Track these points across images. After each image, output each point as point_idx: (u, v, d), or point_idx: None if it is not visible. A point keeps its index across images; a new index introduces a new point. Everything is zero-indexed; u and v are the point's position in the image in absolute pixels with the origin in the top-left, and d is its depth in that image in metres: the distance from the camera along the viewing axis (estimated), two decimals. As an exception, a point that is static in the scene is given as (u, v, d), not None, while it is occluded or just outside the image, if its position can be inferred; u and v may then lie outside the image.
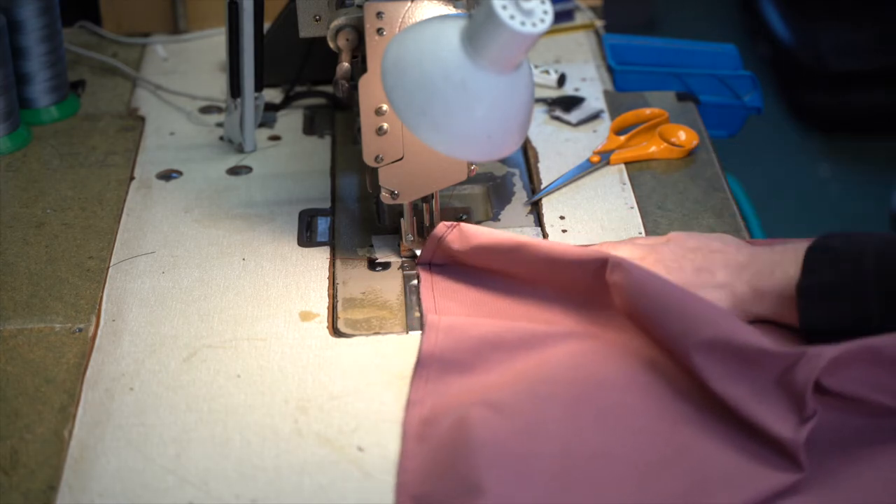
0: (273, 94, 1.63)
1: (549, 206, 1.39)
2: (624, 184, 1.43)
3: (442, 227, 1.24)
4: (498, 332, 1.14)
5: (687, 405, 1.05)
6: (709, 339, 1.04)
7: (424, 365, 1.11)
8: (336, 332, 1.21)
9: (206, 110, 1.62)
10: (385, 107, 1.20)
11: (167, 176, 1.47)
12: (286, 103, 1.61)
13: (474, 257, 1.23)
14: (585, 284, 1.17)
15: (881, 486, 0.98)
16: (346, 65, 1.22)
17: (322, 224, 1.38)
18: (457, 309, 1.20)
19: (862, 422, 1.03)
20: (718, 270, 1.14)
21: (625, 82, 1.66)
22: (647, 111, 1.52)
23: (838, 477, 0.99)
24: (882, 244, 1.04)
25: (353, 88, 1.22)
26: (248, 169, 1.48)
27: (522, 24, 1.06)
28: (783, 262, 1.10)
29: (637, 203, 1.39)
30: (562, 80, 1.65)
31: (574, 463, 0.99)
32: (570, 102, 1.59)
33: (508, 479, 0.97)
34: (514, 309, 1.19)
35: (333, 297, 1.26)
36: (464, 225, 1.23)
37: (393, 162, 1.24)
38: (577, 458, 1.00)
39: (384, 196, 1.25)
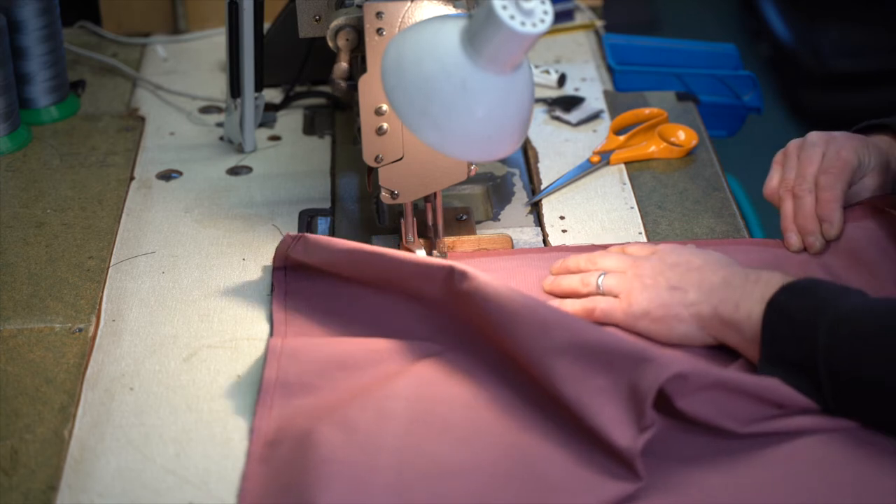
0: (273, 94, 1.63)
1: (549, 206, 1.39)
2: (624, 184, 1.43)
3: (288, 239, 1.23)
4: (345, 351, 1.12)
5: (533, 416, 1.04)
6: (560, 342, 1.03)
7: (267, 392, 1.09)
8: (336, 332, 1.21)
9: (206, 110, 1.62)
10: (385, 107, 1.20)
11: (167, 176, 1.47)
12: (286, 103, 1.61)
13: (324, 267, 1.21)
14: (433, 294, 1.16)
15: (725, 493, 0.98)
16: (343, 64, 1.22)
17: (322, 224, 1.38)
18: (306, 323, 1.18)
19: (707, 439, 1.02)
20: (691, 290, 1.12)
21: (625, 82, 1.66)
22: (647, 111, 1.52)
23: (680, 485, 0.99)
24: (836, 319, 1.02)
25: (351, 88, 1.22)
26: (248, 169, 1.48)
27: (522, 24, 1.06)
28: (751, 296, 1.08)
29: (637, 203, 1.39)
30: (562, 80, 1.65)
31: (412, 477, 0.98)
32: (570, 102, 1.59)
33: (344, 495, 0.96)
34: (366, 319, 1.18)
35: (333, 297, 1.26)
36: (309, 236, 1.22)
37: (393, 162, 1.24)
38: (415, 472, 0.99)
39: (384, 196, 1.25)
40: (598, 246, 1.29)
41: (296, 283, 1.22)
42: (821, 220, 1.25)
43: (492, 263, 1.26)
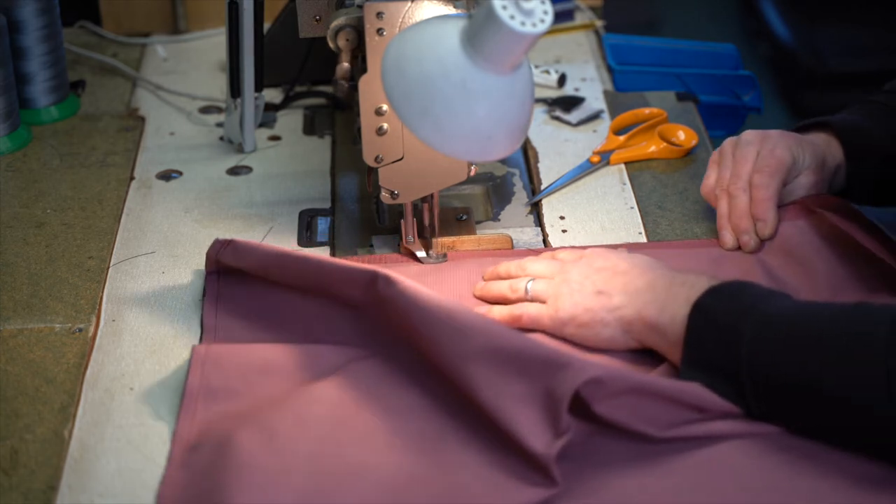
0: (273, 94, 1.63)
1: (549, 207, 1.39)
2: (624, 184, 1.43)
3: (216, 244, 1.22)
4: (270, 356, 1.12)
5: (451, 421, 1.04)
6: (478, 348, 1.03)
7: (190, 399, 1.09)
8: (336, 332, 1.21)
9: (206, 110, 1.62)
10: (385, 107, 1.20)
11: (167, 176, 1.47)
12: (286, 103, 1.61)
13: (254, 271, 1.20)
14: (357, 299, 1.15)
15: (642, 497, 0.98)
16: (345, 65, 1.22)
17: (322, 224, 1.38)
18: (236, 328, 1.17)
19: (626, 443, 1.02)
20: (616, 294, 1.12)
21: (625, 82, 1.66)
22: (646, 111, 1.52)
23: (598, 490, 0.98)
24: (760, 323, 1.02)
25: (353, 88, 1.22)
26: (248, 169, 1.48)
27: (522, 24, 1.06)
28: (676, 300, 1.08)
29: (637, 203, 1.39)
30: (562, 80, 1.65)
31: (326, 480, 0.98)
32: (570, 102, 1.59)
33: (257, 498, 0.96)
34: (294, 323, 1.17)
35: (333, 297, 1.26)
36: (238, 241, 1.21)
37: (393, 162, 1.24)
38: (330, 475, 0.98)
39: (384, 196, 1.25)
40: (535, 251, 1.29)
41: (228, 287, 1.22)
42: (755, 220, 1.25)
43: (431, 268, 1.27)
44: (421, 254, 1.28)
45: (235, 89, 1.46)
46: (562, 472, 0.97)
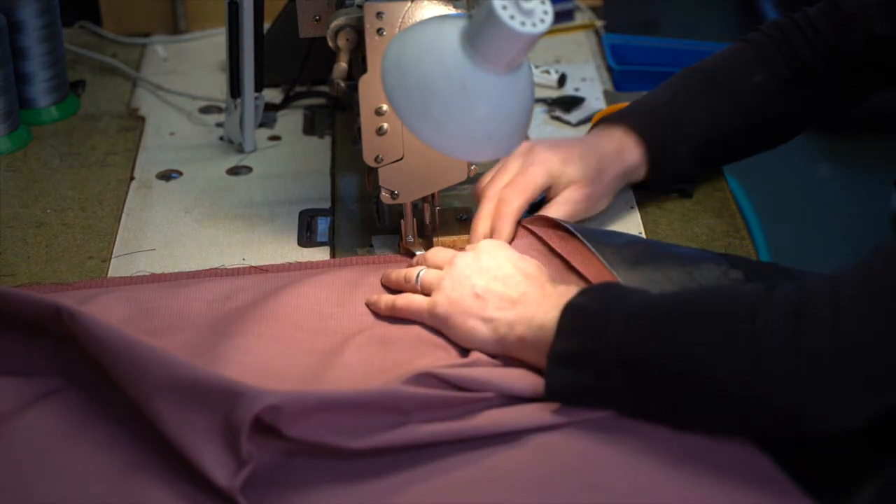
0: (273, 94, 1.63)
1: (549, 206, 1.39)
2: (624, 184, 1.43)
3: None
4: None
5: (152, 454, 1.01)
6: (159, 381, 1.01)
7: None
8: (336, 332, 1.21)
9: (206, 110, 1.62)
10: (385, 107, 1.20)
11: (167, 176, 1.47)
12: (286, 103, 1.61)
13: None
14: (52, 330, 1.10)
15: None
16: (342, 65, 1.22)
17: (322, 224, 1.38)
18: None
19: (327, 461, 1.00)
20: (492, 302, 1.11)
21: (625, 82, 1.66)
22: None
23: None
24: (630, 310, 1.01)
25: (351, 88, 1.22)
26: (248, 169, 1.48)
27: (522, 24, 1.06)
28: (544, 309, 1.07)
29: (637, 203, 1.39)
30: (562, 80, 1.65)
31: None
32: (570, 102, 1.59)
33: None
34: (4, 355, 1.13)
35: (333, 297, 1.25)
36: None
37: (393, 162, 1.24)
38: None
39: (384, 196, 1.25)
40: None
41: None
42: (492, 230, 1.25)
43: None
44: (420, 252, 1.28)
45: (235, 89, 1.46)
46: (257, 498, 0.96)
